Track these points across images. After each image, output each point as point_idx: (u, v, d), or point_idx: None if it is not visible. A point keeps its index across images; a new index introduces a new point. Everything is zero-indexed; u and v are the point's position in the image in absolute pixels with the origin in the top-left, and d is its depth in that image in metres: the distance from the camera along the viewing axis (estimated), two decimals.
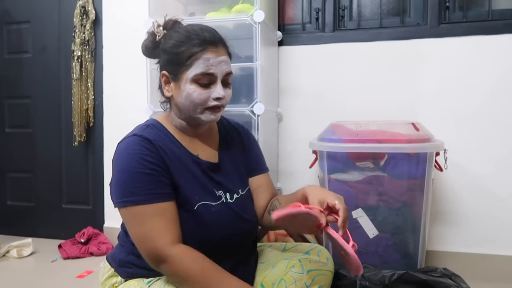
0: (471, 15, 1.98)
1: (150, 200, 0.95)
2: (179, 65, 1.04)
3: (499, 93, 1.90)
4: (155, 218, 0.95)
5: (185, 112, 1.07)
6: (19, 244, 2.28)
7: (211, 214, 1.03)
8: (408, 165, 1.59)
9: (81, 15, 2.39)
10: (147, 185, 0.96)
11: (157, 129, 1.07)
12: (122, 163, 0.99)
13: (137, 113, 2.20)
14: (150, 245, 0.94)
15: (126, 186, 0.97)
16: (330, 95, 2.09)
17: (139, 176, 0.96)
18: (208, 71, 1.02)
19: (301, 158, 2.09)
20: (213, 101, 1.04)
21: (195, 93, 1.03)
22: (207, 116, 1.05)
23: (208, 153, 1.13)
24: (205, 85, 1.03)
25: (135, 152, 0.98)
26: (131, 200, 0.96)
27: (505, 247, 1.90)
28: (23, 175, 2.64)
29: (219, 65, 1.04)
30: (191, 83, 1.03)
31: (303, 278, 1.06)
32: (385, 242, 1.63)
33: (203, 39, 1.04)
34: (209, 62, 1.02)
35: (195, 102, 1.03)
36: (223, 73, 1.05)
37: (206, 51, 1.03)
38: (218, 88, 1.04)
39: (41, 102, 2.57)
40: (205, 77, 1.03)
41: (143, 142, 0.99)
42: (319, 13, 2.16)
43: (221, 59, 1.04)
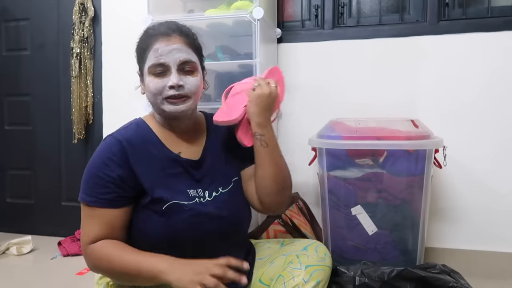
0: (471, 12, 1.98)
1: (92, 203, 1.00)
2: (141, 61, 1.10)
3: (498, 90, 1.90)
4: (91, 220, 1.00)
5: (152, 105, 1.09)
6: (18, 242, 2.29)
7: (182, 214, 1.02)
8: (407, 162, 1.59)
9: (80, 12, 2.38)
10: (95, 188, 1.00)
11: (138, 128, 1.09)
12: (90, 160, 1.05)
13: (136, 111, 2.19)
14: (81, 243, 1.02)
15: (83, 182, 1.03)
16: (329, 92, 2.09)
17: (93, 177, 1.01)
18: (159, 61, 1.04)
19: (300, 155, 2.09)
20: (169, 90, 1.04)
21: (151, 84, 1.05)
22: (169, 107, 1.05)
23: (192, 150, 1.12)
24: (159, 75, 1.04)
25: (101, 153, 1.03)
26: (81, 197, 1.02)
27: (504, 244, 1.90)
28: (23, 173, 2.64)
29: (170, 54, 1.04)
30: (149, 75, 1.06)
31: (301, 273, 1.07)
32: (384, 239, 1.64)
33: (156, 31, 1.07)
34: (158, 52, 1.04)
35: (153, 93, 1.05)
36: (176, 61, 1.04)
37: (155, 42, 1.05)
38: (172, 77, 1.03)
39: (40, 99, 2.57)
40: (158, 67, 1.04)
41: (112, 145, 1.03)
42: (318, 10, 2.15)
43: (172, 47, 1.04)
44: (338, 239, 1.69)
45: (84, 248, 1.00)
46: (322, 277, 1.10)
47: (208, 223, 1.05)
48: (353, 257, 1.66)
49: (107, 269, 0.98)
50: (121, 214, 1.01)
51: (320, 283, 1.09)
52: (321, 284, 1.09)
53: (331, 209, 1.67)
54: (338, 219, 1.67)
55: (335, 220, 1.68)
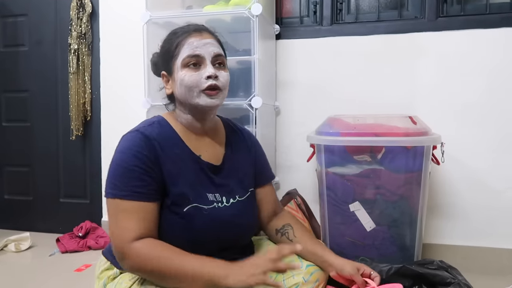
0: (469, 9, 1.98)
1: (128, 197, 0.97)
2: (170, 59, 1.08)
3: (497, 86, 1.90)
4: (127, 215, 0.96)
5: (184, 101, 1.08)
6: (17, 238, 2.29)
7: (201, 217, 1.03)
8: (405, 158, 1.59)
9: (78, 8, 2.37)
10: (131, 182, 0.97)
11: (161, 127, 1.08)
12: (117, 155, 1.02)
13: (135, 107, 2.20)
14: (115, 241, 0.97)
15: (113, 178, 1.00)
16: (328, 88, 2.09)
17: (126, 171, 0.98)
18: (194, 52, 1.05)
19: (299, 151, 2.10)
20: (206, 81, 1.04)
21: (187, 76, 1.04)
22: (204, 99, 1.05)
23: (212, 153, 1.13)
24: (194, 67, 1.05)
25: (130, 147, 1.00)
26: (112, 193, 0.98)
27: (502, 240, 1.91)
28: (21, 169, 2.64)
29: (205, 47, 1.06)
30: (182, 69, 1.05)
31: (302, 272, 1.08)
32: (382, 235, 1.64)
33: (186, 29, 1.09)
34: (193, 44, 1.05)
35: (188, 85, 1.04)
36: (211, 54, 1.06)
37: (189, 37, 1.07)
38: (208, 68, 1.05)
39: (38, 96, 2.56)
40: (193, 59, 1.05)
41: (141, 140, 1.01)
42: (316, 7, 2.15)
43: (206, 41, 1.07)
44: (336, 235, 1.69)
45: (124, 246, 0.94)
46: (321, 278, 1.11)
47: (224, 228, 1.07)
48: (351, 253, 1.66)
49: (153, 270, 0.93)
50: (155, 208, 0.99)
51: (319, 284, 1.09)
52: (321, 285, 1.10)
53: (329, 206, 1.68)
54: (336, 216, 1.68)
55: (333, 217, 1.68)
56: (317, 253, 1.12)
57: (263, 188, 1.24)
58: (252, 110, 1.73)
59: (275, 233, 1.21)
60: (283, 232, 1.19)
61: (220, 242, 1.08)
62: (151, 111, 1.88)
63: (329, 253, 1.12)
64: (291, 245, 0.93)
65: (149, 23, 1.86)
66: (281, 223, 1.22)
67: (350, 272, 1.07)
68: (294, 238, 1.17)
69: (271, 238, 1.25)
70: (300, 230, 1.19)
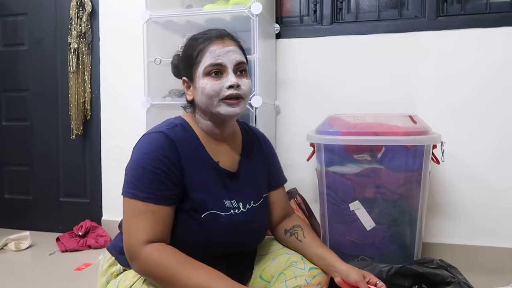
0: (469, 8, 1.98)
1: (147, 199, 0.96)
2: (192, 66, 1.07)
3: (496, 85, 1.90)
4: (143, 216, 0.95)
5: (205, 109, 1.06)
6: (17, 237, 2.29)
7: (218, 224, 1.03)
8: (405, 157, 1.59)
9: (78, 7, 2.37)
10: (152, 184, 0.96)
11: (185, 130, 1.07)
12: (140, 155, 1.00)
13: (134, 106, 2.20)
14: (127, 240, 0.96)
15: (133, 178, 0.98)
16: (328, 88, 2.09)
17: (148, 173, 0.97)
18: (216, 61, 1.03)
19: (299, 151, 2.09)
20: (227, 90, 1.03)
21: (208, 85, 1.03)
22: (225, 108, 1.04)
23: (229, 160, 1.13)
24: (216, 76, 1.04)
25: (154, 149, 0.99)
26: (132, 193, 0.97)
27: (502, 239, 1.91)
28: (21, 168, 2.64)
29: (227, 55, 1.04)
30: (203, 78, 1.04)
31: (304, 274, 1.08)
32: (382, 234, 1.64)
33: (208, 36, 1.07)
34: (215, 53, 1.03)
35: (209, 94, 1.03)
36: (233, 62, 1.05)
37: (211, 44, 1.05)
38: (230, 77, 1.04)
39: (38, 95, 2.56)
40: (215, 68, 1.03)
41: (166, 142, 1.00)
42: (317, 6, 2.15)
43: (228, 49, 1.05)
44: (336, 235, 1.70)
45: (136, 247, 0.93)
46: (324, 281, 1.10)
47: (238, 234, 1.07)
48: (351, 252, 1.66)
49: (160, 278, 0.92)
50: (172, 212, 0.99)
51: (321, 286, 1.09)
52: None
53: (329, 205, 1.68)
54: (336, 215, 1.68)
55: (333, 216, 1.68)
56: (324, 257, 1.12)
57: (275, 192, 1.25)
58: (252, 109, 1.73)
59: (284, 233, 1.21)
60: (292, 232, 1.19)
61: (232, 247, 1.08)
62: (151, 110, 1.88)
63: (336, 258, 1.11)
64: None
65: (149, 22, 1.86)
66: (291, 224, 1.22)
67: (355, 279, 1.06)
68: (303, 239, 1.16)
69: (278, 238, 1.24)
70: (309, 233, 1.19)
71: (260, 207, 1.15)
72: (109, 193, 2.45)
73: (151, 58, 1.85)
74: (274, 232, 1.26)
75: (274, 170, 1.27)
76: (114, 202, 2.40)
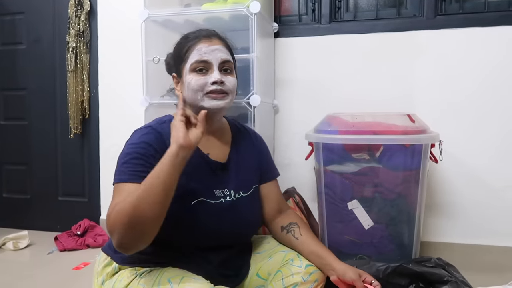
0: (468, 7, 1.98)
1: (130, 180, 0.97)
2: (180, 62, 1.13)
3: (495, 84, 1.90)
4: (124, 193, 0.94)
5: (191, 103, 1.11)
6: (15, 237, 2.29)
7: (207, 211, 1.06)
8: (404, 156, 1.60)
9: (76, 6, 2.37)
10: (136, 167, 0.98)
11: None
12: (127, 146, 1.04)
13: (133, 105, 2.19)
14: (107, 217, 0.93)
15: (120, 166, 1.01)
16: (326, 87, 2.09)
17: (133, 159, 1.00)
18: (202, 58, 1.09)
19: (297, 150, 2.09)
20: (211, 86, 1.08)
21: (193, 80, 1.09)
22: (209, 102, 1.09)
23: (218, 152, 1.16)
24: (201, 72, 1.09)
25: (141, 139, 1.03)
26: (118, 178, 0.99)
27: (500, 237, 1.92)
28: (19, 168, 2.63)
29: (213, 53, 1.10)
30: (190, 73, 1.10)
31: (301, 272, 1.09)
32: (380, 233, 1.64)
33: (197, 35, 1.14)
34: (202, 50, 1.10)
35: (194, 89, 1.09)
36: (218, 60, 1.10)
37: (198, 42, 1.11)
38: (214, 73, 1.09)
39: (36, 94, 2.56)
40: (200, 64, 1.09)
41: (152, 134, 1.05)
42: (315, 5, 2.15)
43: (214, 47, 1.11)
44: (335, 234, 1.70)
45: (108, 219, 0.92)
46: (320, 278, 1.11)
47: (229, 222, 1.10)
48: (349, 251, 1.66)
49: (133, 205, 0.87)
50: None
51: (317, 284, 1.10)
52: (319, 285, 1.11)
53: (328, 204, 1.68)
54: (335, 214, 1.68)
55: (332, 215, 1.68)
56: (320, 255, 1.12)
57: (267, 185, 1.27)
58: (251, 108, 1.73)
59: (280, 230, 1.21)
60: (288, 229, 1.20)
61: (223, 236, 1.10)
62: (149, 109, 1.88)
63: (333, 257, 1.12)
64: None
65: (148, 21, 1.86)
66: (287, 221, 1.23)
67: (352, 278, 1.07)
68: (299, 236, 1.17)
69: (275, 235, 1.25)
70: (305, 230, 1.20)
71: (250, 197, 1.18)
72: (107, 192, 2.44)
73: (149, 57, 1.85)
74: (269, 227, 1.26)
75: (265, 163, 1.29)
76: None
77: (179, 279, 0.96)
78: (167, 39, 1.96)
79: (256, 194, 1.22)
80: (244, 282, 1.17)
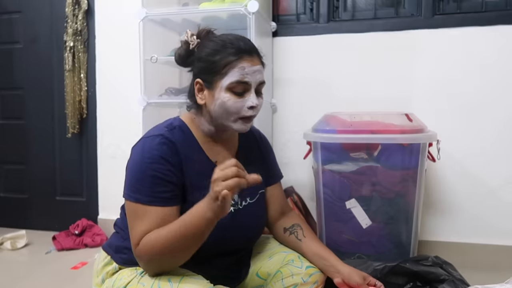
0: (465, 6, 1.98)
1: (151, 202, 0.97)
2: (214, 73, 1.04)
3: (492, 84, 1.91)
4: (146, 219, 0.96)
5: (217, 119, 1.06)
6: (12, 236, 2.28)
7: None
8: (402, 155, 1.60)
9: (73, 5, 2.36)
10: (154, 187, 0.97)
11: (183, 132, 1.08)
12: (141, 159, 1.00)
13: (131, 104, 2.19)
14: (133, 242, 0.97)
15: (136, 182, 0.99)
16: (324, 86, 2.09)
17: (150, 177, 0.98)
18: (243, 79, 1.02)
19: (295, 149, 2.10)
20: (248, 110, 1.04)
21: (230, 102, 1.03)
22: (239, 125, 1.06)
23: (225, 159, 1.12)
24: (239, 93, 1.03)
25: (155, 152, 1.00)
26: (135, 197, 0.98)
27: (497, 236, 1.93)
28: (16, 167, 2.62)
29: (254, 74, 1.04)
30: (226, 92, 1.03)
31: (301, 273, 1.08)
32: (378, 232, 1.65)
33: (238, 48, 1.04)
34: (244, 70, 1.02)
35: (229, 111, 1.03)
36: (257, 82, 1.05)
37: (241, 60, 1.03)
38: (252, 97, 1.04)
39: (33, 93, 2.55)
40: (240, 86, 1.03)
41: (165, 145, 1.01)
42: (313, 4, 2.15)
43: (255, 69, 1.04)
44: (333, 233, 1.70)
45: (135, 248, 0.96)
46: (320, 279, 1.11)
47: (236, 231, 1.09)
48: (347, 250, 1.67)
49: (163, 251, 0.92)
50: (176, 211, 1.00)
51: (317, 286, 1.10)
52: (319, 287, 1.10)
53: (326, 203, 1.68)
54: (333, 213, 1.68)
55: (330, 214, 1.69)
56: (324, 257, 1.12)
57: (271, 188, 1.26)
58: None
59: (283, 231, 1.21)
60: (292, 231, 1.19)
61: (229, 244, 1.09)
62: (147, 109, 1.88)
63: (337, 259, 1.12)
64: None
65: (145, 20, 1.85)
66: (290, 222, 1.22)
67: (357, 281, 1.07)
68: (303, 238, 1.17)
69: (277, 237, 1.24)
70: (309, 232, 1.19)
71: (256, 203, 1.16)
72: (105, 191, 2.44)
73: (147, 56, 1.84)
74: (272, 229, 1.26)
75: (270, 166, 1.28)
76: (111, 200, 2.40)
77: (179, 279, 0.96)
78: (165, 38, 1.96)
79: (262, 200, 1.20)
80: (244, 282, 1.17)
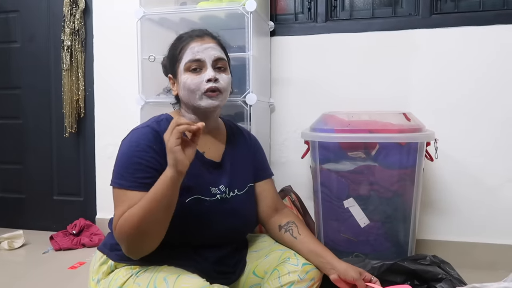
0: (463, 6, 1.99)
1: (134, 187, 1.00)
2: (174, 62, 1.16)
3: (490, 83, 1.91)
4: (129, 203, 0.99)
5: (187, 102, 1.14)
6: (10, 236, 2.27)
7: (202, 208, 1.08)
8: (399, 155, 1.60)
9: (71, 4, 2.35)
10: (137, 173, 1.01)
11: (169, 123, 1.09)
12: (126, 147, 1.05)
13: (129, 104, 2.19)
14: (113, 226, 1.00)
15: (120, 169, 1.03)
16: (322, 85, 2.09)
17: (134, 164, 1.02)
18: (195, 57, 1.11)
19: (293, 148, 2.10)
20: (206, 84, 1.10)
21: (189, 80, 1.11)
22: (206, 101, 1.11)
23: (214, 151, 1.18)
24: (196, 71, 1.12)
25: (140, 140, 1.04)
26: (119, 183, 1.01)
27: (495, 235, 1.93)
28: (14, 167, 2.62)
29: (206, 51, 1.12)
30: (185, 73, 1.12)
31: (298, 270, 1.09)
32: (376, 231, 1.65)
33: (190, 34, 1.16)
34: (194, 49, 1.12)
35: (191, 88, 1.11)
36: (211, 58, 1.13)
37: (191, 42, 1.14)
38: (208, 71, 1.11)
39: (31, 92, 2.54)
40: (194, 63, 1.12)
41: (150, 134, 1.06)
42: (311, 3, 2.15)
43: (207, 46, 1.13)
44: (331, 232, 1.70)
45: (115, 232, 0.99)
46: (317, 277, 1.11)
47: (224, 220, 1.11)
48: (345, 249, 1.67)
49: (137, 224, 0.94)
50: None
51: (314, 283, 1.10)
52: (316, 284, 1.11)
53: (324, 202, 1.68)
54: (331, 212, 1.68)
55: (328, 213, 1.69)
56: (320, 254, 1.13)
57: (261, 183, 1.28)
58: (247, 107, 1.73)
59: (278, 229, 1.22)
60: (287, 228, 1.20)
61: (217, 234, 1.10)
62: (145, 108, 1.87)
63: (332, 256, 1.13)
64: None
65: (143, 20, 1.85)
66: (285, 220, 1.23)
67: (354, 277, 1.07)
68: (298, 236, 1.17)
69: (272, 234, 1.25)
70: (304, 229, 1.21)
71: (245, 195, 1.19)
72: (103, 191, 2.43)
73: (145, 56, 1.84)
74: (266, 226, 1.26)
75: (260, 162, 1.31)
76: (108, 200, 2.36)
77: (175, 278, 0.96)
78: (162, 37, 1.95)
79: (251, 193, 1.23)
80: (240, 280, 1.17)
